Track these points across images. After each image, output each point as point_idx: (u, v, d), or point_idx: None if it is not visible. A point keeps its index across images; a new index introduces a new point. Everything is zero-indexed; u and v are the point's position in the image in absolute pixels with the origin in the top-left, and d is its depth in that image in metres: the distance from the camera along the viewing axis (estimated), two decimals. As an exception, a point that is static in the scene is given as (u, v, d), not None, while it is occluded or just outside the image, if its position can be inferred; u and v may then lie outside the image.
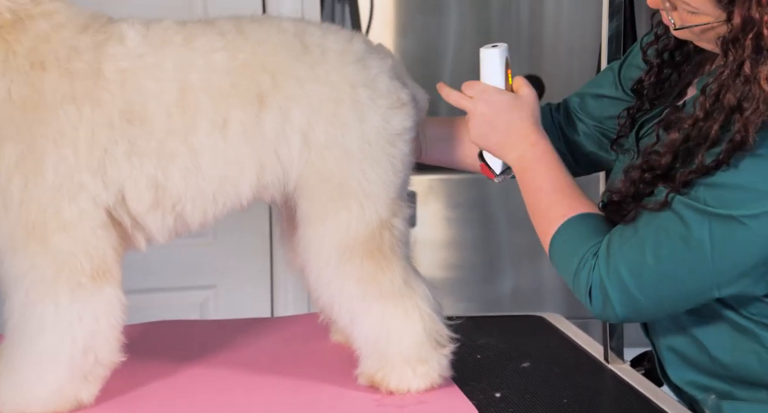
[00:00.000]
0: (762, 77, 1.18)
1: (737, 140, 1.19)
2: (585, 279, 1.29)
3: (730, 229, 1.21)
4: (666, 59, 1.41)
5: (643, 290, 1.26)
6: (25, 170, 1.29)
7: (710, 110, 1.22)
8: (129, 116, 1.32)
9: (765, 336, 1.31)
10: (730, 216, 1.21)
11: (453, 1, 2.95)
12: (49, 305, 1.31)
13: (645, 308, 1.28)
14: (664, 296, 1.27)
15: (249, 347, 1.61)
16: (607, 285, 1.27)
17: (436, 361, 1.43)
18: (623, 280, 1.26)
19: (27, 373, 1.33)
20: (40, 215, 1.30)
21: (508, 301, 2.83)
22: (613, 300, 1.27)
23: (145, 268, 1.46)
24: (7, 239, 1.32)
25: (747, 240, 1.22)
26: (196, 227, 1.41)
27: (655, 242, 1.25)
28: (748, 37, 1.18)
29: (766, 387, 1.33)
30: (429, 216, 2.78)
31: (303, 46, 1.38)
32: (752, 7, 1.18)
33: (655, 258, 1.25)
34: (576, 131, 1.56)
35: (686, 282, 1.25)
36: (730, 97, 1.20)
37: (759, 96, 1.18)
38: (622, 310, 1.28)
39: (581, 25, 2.94)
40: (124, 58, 1.33)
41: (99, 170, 1.32)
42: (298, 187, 1.39)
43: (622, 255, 1.26)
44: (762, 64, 1.18)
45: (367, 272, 1.40)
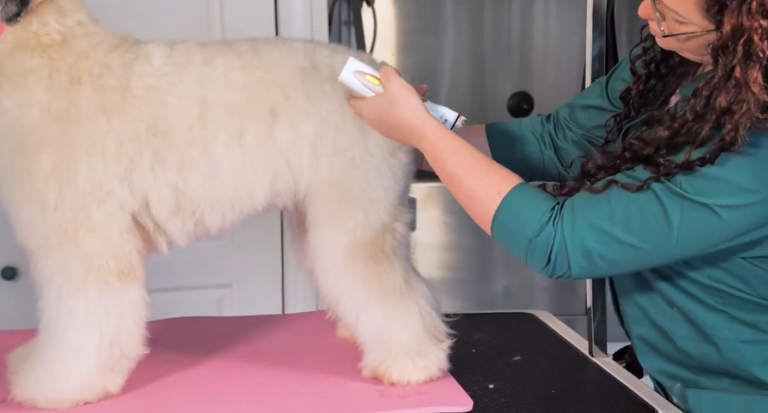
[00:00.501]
0: (751, 81, 1.16)
1: (727, 140, 1.18)
2: (544, 242, 1.25)
3: (702, 215, 1.20)
4: (653, 70, 1.40)
5: (603, 257, 1.24)
6: (60, 177, 1.30)
7: (701, 112, 1.21)
8: (154, 129, 1.33)
9: (729, 327, 1.31)
10: (705, 204, 1.20)
11: (450, 23, 2.95)
12: (79, 301, 1.31)
13: (599, 270, 1.27)
14: (621, 263, 1.25)
15: (262, 341, 1.61)
16: (569, 248, 1.24)
17: (434, 355, 1.43)
18: (587, 246, 1.24)
19: (58, 364, 1.33)
20: (72, 219, 1.30)
21: (501, 299, 2.82)
22: (572, 262, 1.25)
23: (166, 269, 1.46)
24: (42, 240, 1.32)
25: (714, 228, 1.21)
26: (215, 231, 1.41)
27: (626, 214, 1.23)
28: (738, 44, 1.17)
29: (728, 375, 1.33)
30: (428, 221, 2.78)
31: (312, 66, 1.39)
32: (742, 15, 1.16)
33: (625, 230, 1.23)
34: (565, 138, 1.55)
35: (645, 255, 1.24)
36: (722, 100, 1.18)
37: (749, 99, 1.17)
38: (578, 271, 1.26)
39: (567, 46, 2.94)
40: (150, 76, 1.34)
41: (126, 178, 1.32)
42: (308, 194, 1.40)
43: (589, 222, 1.24)
44: (752, 68, 1.16)
45: (371, 273, 1.40)
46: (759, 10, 1.16)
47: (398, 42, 2.94)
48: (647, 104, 1.41)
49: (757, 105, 1.17)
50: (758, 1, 1.16)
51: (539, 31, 2.98)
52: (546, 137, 1.56)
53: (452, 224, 2.81)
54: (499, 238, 1.31)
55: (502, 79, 2.97)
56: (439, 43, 2.94)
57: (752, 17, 1.16)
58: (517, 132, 1.55)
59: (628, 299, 1.42)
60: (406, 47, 2.95)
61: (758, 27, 1.16)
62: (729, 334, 1.31)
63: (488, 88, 2.98)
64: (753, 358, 1.30)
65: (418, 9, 2.93)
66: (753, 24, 1.16)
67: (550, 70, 2.98)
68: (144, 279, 1.36)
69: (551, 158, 1.56)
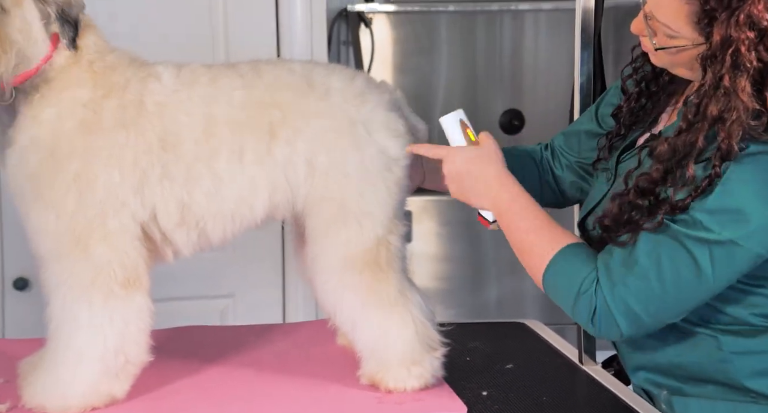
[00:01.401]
0: (740, 89, 1.17)
1: (723, 149, 1.18)
2: (587, 306, 1.26)
3: (730, 252, 1.20)
4: (643, 89, 1.41)
5: (648, 313, 1.24)
6: (81, 185, 1.30)
7: (693, 121, 1.21)
8: (164, 144, 1.34)
9: (719, 338, 1.30)
10: (730, 241, 1.19)
11: (444, 44, 2.96)
12: (83, 308, 1.31)
13: (646, 324, 1.26)
14: (667, 314, 1.26)
15: (263, 349, 1.61)
16: (613, 311, 1.24)
17: (428, 363, 1.43)
18: (630, 306, 1.24)
19: (63, 370, 1.33)
20: (87, 227, 1.31)
21: (494, 309, 2.82)
22: (620, 324, 1.25)
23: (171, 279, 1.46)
24: (53, 247, 1.32)
25: (743, 259, 1.21)
26: (217, 242, 1.41)
27: (658, 269, 1.22)
28: (726, 54, 1.17)
29: (712, 383, 1.32)
30: (423, 233, 2.78)
31: (309, 85, 1.39)
32: (731, 27, 1.17)
33: (661, 285, 1.22)
34: (561, 165, 1.56)
35: (688, 301, 1.24)
36: (712, 108, 1.18)
37: (739, 107, 1.17)
38: (628, 331, 1.26)
39: (556, 64, 2.95)
40: (161, 93, 1.35)
41: (138, 190, 1.33)
42: (305, 207, 1.40)
43: (626, 284, 1.23)
44: (740, 77, 1.17)
45: (366, 283, 1.40)
46: (746, 22, 1.17)
47: (395, 61, 2.95)
48: (638, 122, 1.41)
49: (747, 113, 1.17)
50: (745, 14, 1.16)
51: (529, 51, 2.99)
52: (545, 165, 1.57)
53: (446, 236, 2.81)
54: (550, 296, 1.33)
55: (494, 97, 2.98)
56: (434, 63, 2.95)
57: (740, 29, 1.17)
58: (517, 159, 1.55)
59: None
60: (403, 66, 2.96)
61: (745, 38, 1.16)
62: (720, 345, 1.30)
63: (481, 106, 2.99)
64: (743, 369, 1.30)
65: (414, 30, 2.94)
66: (740, 35, 1.17)
67: (540, 88, 2.99)
68: (149, 288, 1.36)
69: (550, 184, 1.56)
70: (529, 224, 1.33)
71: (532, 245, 1.32)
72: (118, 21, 1.68)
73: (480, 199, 1.38)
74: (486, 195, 1.37)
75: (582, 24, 1.57)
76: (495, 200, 1.36)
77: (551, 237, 1.32)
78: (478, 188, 1.37)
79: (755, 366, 1.30)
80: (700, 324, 1.31)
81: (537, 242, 1.32)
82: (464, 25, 2.95)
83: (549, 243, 1.31)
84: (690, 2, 1.20)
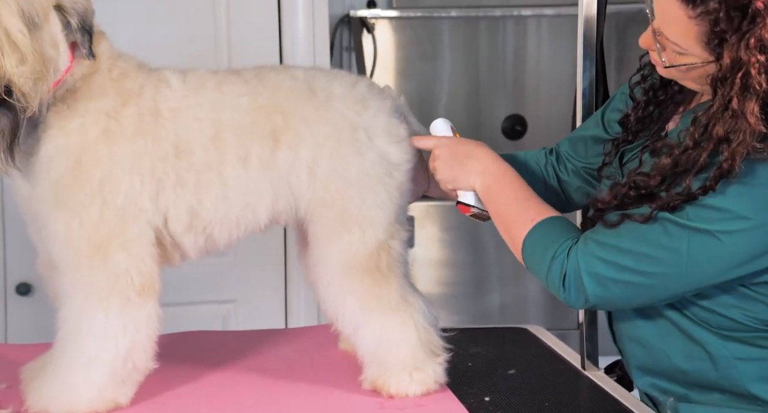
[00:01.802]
0: (748, 112, 1.17)
1: (725, 168, 1.19)
2: (559, 270, 1.28)
3: (706, 242, 1.21)
4: (651, 97, 1.41)
5: (617, 282, 1.25)
6: (104, 193, 1.31)
7: (699, 140, 1.21)
8: (177, 151, 1.35)
9: (722, 343, 1.30)
10: (708, 231, 1.21)
11: (446, 49, 2.96)
12: (99, 316, 1.31)
13: (615, 297, 1.27)
14: (636, 291, 1.26)
15: (266, 354, 1.61)
16: (582, 273, 1.26)
17: (431, 368, 1.43)
18: (599, 272, 1.25)
19: (71, 376, 1.33)
20: (108, 233, 1.31)
21: (496, 314, 2.82)
22: (587, 287, 1.26)
23: (174, 284, 1.45)
24: (74, 254, 1.32)
25: (719, 254, 1.22)
26: (223, 247, 1.42)
27: (635, 245, 1.24)
28: (736, 76, 1.18)
29: (719, 390, 1.32)
30: (426, 238, 2.78)
31: (310, 91, 1.40)
32: (741, 50, 1.17)
33: (634, 259, 1.24)
34: (566, 170, 1.56)
35: (658, 283, 1.25)
36: (719, 129, 1.19)
37: (745, 129, 1.17)
38: (594, 298, 1.27)
39: (558, 70, 2.95)
40: (173, 99, 1.36)
41: (154, 196, 1.34)
42: (308, 213, 1.40)
43: (601, 250, 1.26)
44: (749, 100, 1.17)
45: (367, 288, 1.40)
46: (757, 46, 1.17)
47: (397, 67, 2.95)
48: (645, 129, 1.41)
49: (753, 135, 1.18)
50: (756, 37, 1.17)
51: (532, 57, 2.99)
52: (550, 169, 1.57)
53: (449, 241, 2.81)
54: (526, 263, 1.35)
55: (497, 102, 2.99)
56: (437, 68, 2.95)
57: (750, 52, 1.17)
58: (522, 164, 1.56)
59: (622, 316, 1.41)
60: (405, 72, 2.96)
61: (756, 61, 1.17)
62: (724, 351, 1.30)
63: (483, 111, 2.99)
64: (748, 375, 1.30)
65: (417, 35, 2.95)
66: (751, 58, 1.17)
67: (542, 93, 2.99)
68: (159, 294, 1.36)
69: (555, 189, 1.57)
70: (516, 194, 1.37)
71: (516, 215, 1.35)
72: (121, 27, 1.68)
73: (469, 174, 1.41)
74: (475, 169, 1.40)
75: (584, 30, 1.57)
76: (485, 173, 1.39)
77: (536, 209, 1.35)
78: (469, 163, 1.40)
79: (760, 372, 1.30)
80: (703, 328, 1.31)
81: (521, 212, 1.35)
82: (467, 31, 2.96)
83: (533, 213, 1.34)
84: (699, 23, 1.20)
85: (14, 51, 1.22)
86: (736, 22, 1.17)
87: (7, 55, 1.21)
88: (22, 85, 1.23)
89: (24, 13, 1.23)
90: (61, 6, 1.28)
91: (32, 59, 1.23)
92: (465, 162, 1.41)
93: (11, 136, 1.25)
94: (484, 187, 1.39)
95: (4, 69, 1.21)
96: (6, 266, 2.26)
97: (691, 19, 1.20)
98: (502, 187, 1.38)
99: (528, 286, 2.79)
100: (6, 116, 1.24)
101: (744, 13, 1.17)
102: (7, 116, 1.24)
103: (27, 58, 1.23)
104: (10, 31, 1.21)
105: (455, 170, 1.42)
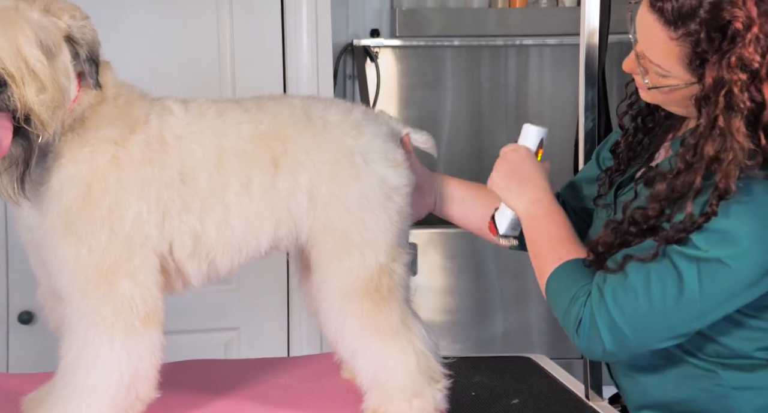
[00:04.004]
0: (735, 130, 1.17)
1: (721, 188, 1.18)
2: (575, 315, 1.27)
3: (717, 271, 1.20)
4: (639, 125, 1.42)
5: (633, 330, 1.24)
6: (112, 220, 1.31)
7: (691, 161, 1.21)
8: (183, 177, 1.35)
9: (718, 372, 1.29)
10: (717, 259, 1.19)
11: (449, 77, 2.98)
12: (105, 344, 1.31)
13: (632, 344, 1.25)
14: (652, 333, 1.25)
15: (268, 383, 1.60)
16: (599, 324, 1.25)
17: (430, 395, 1.42)
18: (615, 321, 1.24)
19: (74, 406, 1.32)
20: (115, 262, 1.31)
21: (499, 342, 2.80)
22: (604, 339, 1.25)
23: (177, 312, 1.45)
24: (81, 282, 1.32)
25: (730, 280, 1.20)
26: (225, 273, 1.42)
27: (646, 284, 1.22)
28: (720, 95, 1.18)
29: None
30: (428, 265, 2.78)
31: (307, 119, 1.41)
32: (723, 69, 1.18)
33: (648, 301, 1.22)
34: (568, 212, 1.56)
35: (674, 320, 1.23)
36: (709, 148, 1.19)
37: (735, 147, 1.18)
38: (611, 346, 1.25)
39: (560, 97, 2.97)
40: (178, 126, 1.37)
41: (160, 223, 1.34)
42: (309, 238, 1.41)
43: (614, 298, 1.24)
44: (734, 118, 1.18)
45: (366, 312, 1.40)
46: (738, 64, 1.18)
47: (400, 95, 2.97)
48: (636, 157, 1.42)
49: (743, 152, 1.18)
50: (737, 56, 1.18)
51: (534, 85, 3.01)
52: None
53: (452, 269, 2.80)
54: (548, 301, 1.34)
55: (499, 129, 3.00)
56: (439, 96, 2.97)
57: (732, 71, 1.18)
58: None
59: None
60: (408, 100, 2.98)
61: (738, 79, 1.18)
62: (722, 381, 1.29)
63: (486, 138, 3.00)
64: (744, 405, 1.29)
65: (419, 64, 2.97)
66: (733, 77, 1.18)
67: (545, 120, 2.99)
68: (163, 322, 1.36)
69: None
70: (556, 232, 1.36)
71: (549, 250, 1.34)
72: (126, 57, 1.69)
73: (521, 195, 1.40)
74: (529, 194, 1.39)
75: (586, 59, 1.59)
76: (535, 202, 1.39)
77: (568, 248, 1.34)
78: (526, 185, 1.40)
79: (757, 401, 1.28)
80: (699, 357, 1.30)
81: (554, 248, 1.34)
82: (469, 60, 2.97)
83: (563, 252, 1.33)
84: (681, 44, 1.22)
85: (34, 80, 1.23)
86: (716, 42, 1.19)
87: (28, 84, 1.23)
88: (42, 114, 1.24)
89: (42, 43, 1.25)
90: (71, 37, 1.30)
91: (51, 88, 1.25)
92: (522, 182, 1.40)
93: (24, 165, 1.26)
94: (530, 215, 1.39)
95: (26, 98, 1.22)
96: (9, 294, 2.26)
97: (672, 41, 1.22)
98: (548, 221, 1.37)
99: (531, 314, 2.78)
100: (21, 145, 1.26)
101: (724, 34, 1.18)
102: (22, 146, 1.26)
103: (47, 87, 1.24)
104: (29, 60, 1.23)
105: (510, 184, 1.41)
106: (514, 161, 1.42)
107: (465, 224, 1.59)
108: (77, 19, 1.31)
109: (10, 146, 1.24)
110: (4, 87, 1.21)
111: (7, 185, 1.27)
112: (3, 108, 1.22)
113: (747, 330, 1.27)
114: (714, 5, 1.19)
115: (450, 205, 1.57)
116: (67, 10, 1.31)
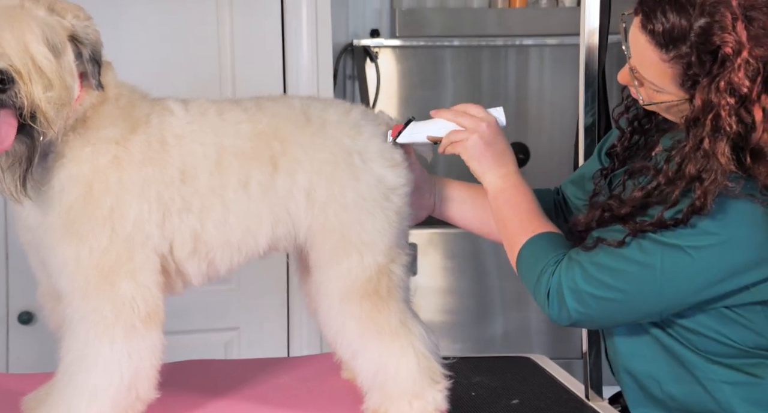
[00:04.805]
0: (719, 152, 1.20)
1: (697, 205, 1.22)
2: (545, 284, 1.31)
3: (678, 257, 1.24)
4: (636, 126, 1.43)
5: (596, 298, 1.28)
6: (114, 221, 1.31)
7: (672, 178, 1.25)
8: (183, 176, 1.35)
9: (708, 367, 1.31)
10: (679, 246, 1.23)
11: (449, 77, 2.98)
12: (105, 345, 1.31)
13: (596, 316, 1.30)
14: (615, 307, 1.28)
15: (268, 383, 1.60)
16: (564, 289, 1.29)
17: (431, 396, 1.42)
18: (579, 286, 1.28)
19: (75, 406, 1.32)
20: (116, 262, 1.31)
21: (499, 342, 2.81)
22: (568, 303, 1.29)
23: (176, 312, 1.45)
24: (81, 283, 1.32)
25: (690, 270, 1.24)
26: (224, 272, 1.42)
27: (612, 261, 1.27)
28: (707, 118, 1.21)
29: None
30: (428, 266, 2.78)
31: (306, 119, 1.41)
32: (711, 92, 1.20)
33: (611, 275, 1.27)
34: (570, 209, 1.58)
35: (635, 299, 1.27)
36: (691, 168, 1.22)
37: (717, 169, 1.20)
38: (576, 315, 1.30)
39: (560, 98, 2.97)
40: (178, 126, 1.37)
41: (161, 223, 1.34)
42: (307, 238, 1.41)
43: (582, 267, 1.29)
44: (719, 141, 1.20)
45: (365, 313, 1.40)
46: (726, 89, 1.20)
47: (400, 95, 2.97)
48: (632, 157, 1.43)
49: (724, 175, 1.21)
50: (726, 80, 1.20)
51: (534, 86, 3.01)
52: (558, 208, 1.59)
53: (452, 269, 2.81)
54: (519, 274, 1.38)
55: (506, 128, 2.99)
56: (439, 96, 2.97)
57: (720, 95, 1.20)
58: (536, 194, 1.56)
59: (615, 340, 1.41)
60: (408, 100, 2.98)
61: (725, 104, 1.20)
62: (712, 375, 1.31)
63: (486, 139, 2.99)
64: (735, 398, 1.30)
65: (419, 64, 2.97)
66: (721, 101, 1.20)
67: (545, 122, 3.01)
68: (163, 322, 1.36)
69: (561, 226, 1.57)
70: (526, 206, 1.40)
71: (520, 223, 1.39)
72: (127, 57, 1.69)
73: (493, 167, 1.42)
74: (502, 167, 1.42)
75: (586, 60, 1.59)
76: (506, 176, 1.42)
77: (539, 223, 1.39)
78: (496, 159, 1.42)
79: (747, 395, 1.30)
80: (691, 351, 1.32)
81: (524, 221, 1.38)
82: (469, 60, 2.97)
83: (535, 226, 1.37)
84: (673, 66, 1.24)
85: (41, 77, 1.23)
86: (707, 65, 1.21)
87: (35, 81, 1.22)
88: (48, 111, 1.24)
89: (48, 41, 1.25)
90: (75, 36, 1.30)
91: (58, 86, 1.25)
92: (495, 157, 1.42)
93: (27, 163, 1.26)
94: (498, 189, 1.42)
95: (33, 95, 1.22)
96: (9, 294, 2.26)
97: (665, 62, 1.24)
98: (516, 195, 1.41)
99: (531, 314, 2.78)
100: (24, 143, 1.26)
101: (714, 58, 1.20)
102: (25, 143, 1.26)
103: (53, 84, 1.24)
104: (36, 57, 1.23)
105: (484, 156, 1.42)
106: (490, 135, 1.43)
107: (465, 225, 1.59)
108: (81, 19, 1.31)
109: (13, 142, 1.24)
110: (11, 83, 1.21)
111: (9, 183, 1.27)
112: (9, 104, 1.22)
113: (737, 326, 1.29)
114: (704, 29, 1.20)
115: (450, 206, 1.57)
116: (71, 10, 1.31)
